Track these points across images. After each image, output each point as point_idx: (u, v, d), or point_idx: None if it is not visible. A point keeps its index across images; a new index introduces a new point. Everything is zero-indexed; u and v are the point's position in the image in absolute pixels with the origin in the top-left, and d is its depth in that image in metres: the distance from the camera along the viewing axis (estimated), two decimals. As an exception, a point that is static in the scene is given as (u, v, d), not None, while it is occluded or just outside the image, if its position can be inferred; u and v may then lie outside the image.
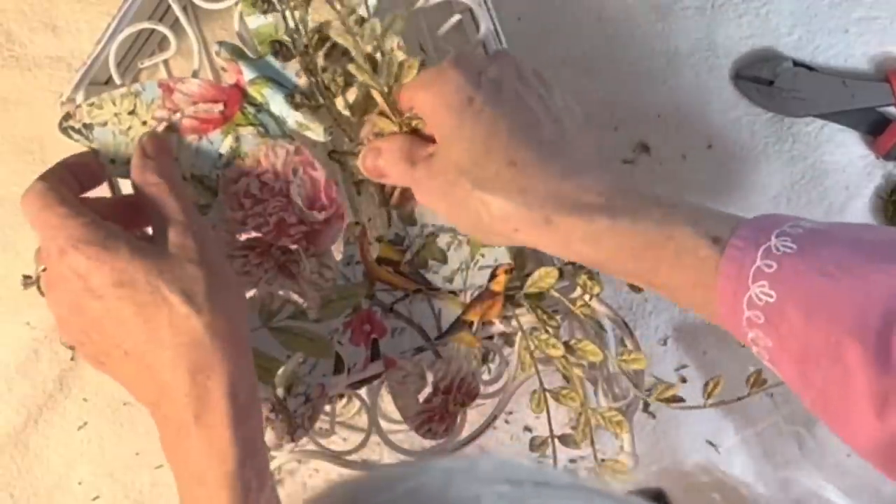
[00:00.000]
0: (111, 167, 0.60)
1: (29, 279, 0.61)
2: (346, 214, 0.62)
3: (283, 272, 0.62)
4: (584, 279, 0.64)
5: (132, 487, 0.75)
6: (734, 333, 0.47)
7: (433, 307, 0.66)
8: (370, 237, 0.66)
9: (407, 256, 0.65)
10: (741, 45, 0.78)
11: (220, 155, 0.60)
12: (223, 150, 0.61)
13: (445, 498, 0.29)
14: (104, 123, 0.60)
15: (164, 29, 0.65)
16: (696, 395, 0.73)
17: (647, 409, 0.77)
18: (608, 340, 0.67)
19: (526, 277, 0.64)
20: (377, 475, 0.34)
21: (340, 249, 0.65)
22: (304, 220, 0.60)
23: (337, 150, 0.64)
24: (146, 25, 0.65)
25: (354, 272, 0.65)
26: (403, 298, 0.67)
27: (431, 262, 0.66)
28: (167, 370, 0.51)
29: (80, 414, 0.75)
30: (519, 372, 0.67)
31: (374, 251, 0.66)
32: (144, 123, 0.60)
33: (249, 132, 0.61)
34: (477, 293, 0.66)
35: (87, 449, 0.75)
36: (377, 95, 0.58)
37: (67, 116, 0.60)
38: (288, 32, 0.60)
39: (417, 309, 0.66)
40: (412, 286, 0.66)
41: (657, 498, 0.48)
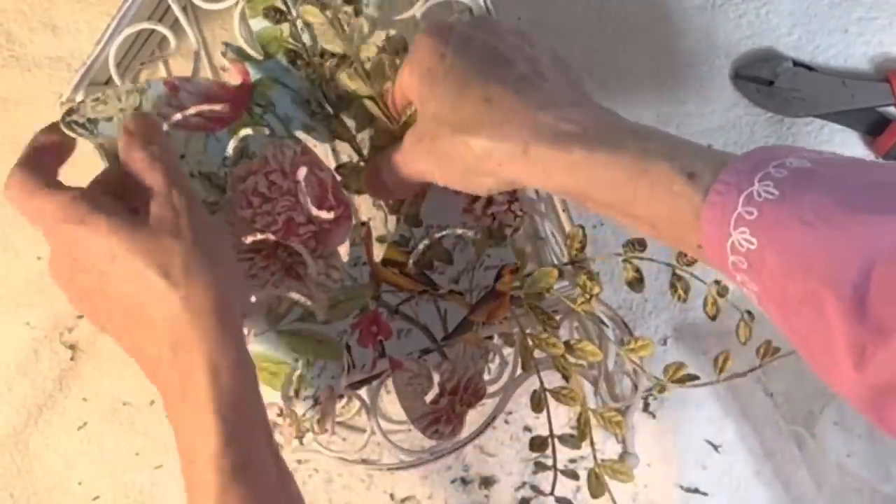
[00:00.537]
0: (116, 164, 0.60)
1: None
2: (352, 215, 0.62)
3: (289, 274, 0.62)
4: (584, 279, 0.64)
5: (132, 487, 0.75)
6: (725, 274, 0.47)
7: (439, 308, 0.66)
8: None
9: (412, 258, 0.65)
10: (741, 45, 0.78)
11: (228, 153, 0.61)
12: (230, 148, 0.61)
13: None
14: (109, 118, 0.60)
15: (163, 29, 0.65)
16: (696, 394, 0.74)
17: (647, 409, 0.77)
18: (608, 341, 0.67)
19: (526, 278, 0.64)
20: None
21: (347, 251, 0.65)
22: (312, 219, 0.60)
23: (343, 164, 0.64)
24: (146, 26, 0.65)
25: (361, 273, 0.65)
26: (409, 300, 0.66)
27: (437, 263, 0.66)
28: (152, 344, 0.50)
29: (79, 414, 0.75)
30: (519, 372, 0.67)
31: (379, 252, 0.66)
32: None
33: (256, 132, 0.61)
34: (482, 294, 0.66)
35: (87, 449, 0.75)
36: (371, 105, 0.59)
37: (70, 111, 0.60)
38: (294, 36, 0.60)
39: (423, 310, 0.66)
40: (418, 287, 0.66)
41: None
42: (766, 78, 0.76)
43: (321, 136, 0.62)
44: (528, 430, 0.77)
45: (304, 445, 0.66)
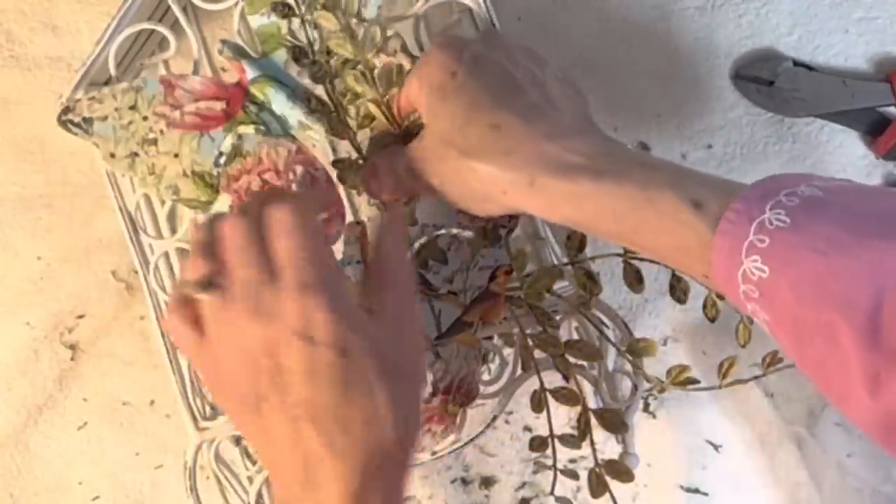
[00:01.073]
0: (110, 161, 0.60)
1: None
2: (346, 214, 0.62)
3: None
4: (584, 279, 0.64)
5: (132, 487, 0.75)
6: (736, 305, 0.46)
7: (433, 308, 0.66)
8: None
9: None
10: (741, 45, 0.78)
11: (221, 152, 0.61)
12: (225, 147, 0.61)
13: None
14: (104, 118, 0.60)
15: (163, 29, 0.65)
16: (696, 395, 0.73)
17: (647, 409, 0.77)
18: (608, 342, 0.67)
19: (526, 278, 0.64)
20: None
21: (340, 249, 0.65)
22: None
23: (340, 159, 0.64)
24: (146, 26, 0.65)
25: (355, 272, 0.65)
26: None
27: (431, 262, 0.66)
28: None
29: (79, 414, 0.75)
30: (519, 372, 0.67)
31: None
32: (145, 119, 0.60)
33: (252, 131, 0.61)
34: (477, 294, 0.66)
35: (87, 449, 0.75)
36: (374, 108, 0.59)
37: (66, 110, 0.60)
38: (296, 33, 0.60)
39: None
40: None
41: None
42: (766, 78, 0.76)
43: (318, 133, 0.62)
44: (528, 430, 0.77)
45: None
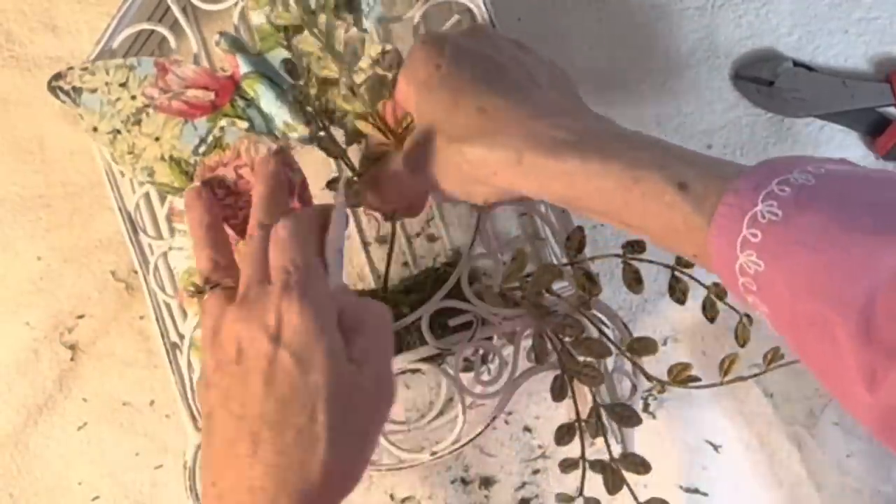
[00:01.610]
0: (91, 134, 0.60)
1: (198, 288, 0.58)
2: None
3: None
4: (583, 280, 0.64)
5: (132, 487, 0.75)
6: (737, 297, 0.46)
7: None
8: None
9: None
10: (741, 45, 0.78)
11: (202, 141, 0.61)
12: (207, 138, 0.61)
13: None
14: (94, 90, 0.60)
15: (163, 30, 0.65)
16: (696, 395, 0.74)
17: (647, 409, 0.77)
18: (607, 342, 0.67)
19: (526, 278, 0.64)
20: None
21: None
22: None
23: (334, 179, 0.64)
24: (145, 26, 0.65)
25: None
26: None
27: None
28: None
29: (79, 414, 0.75)
30: (519, 372, 0.67)
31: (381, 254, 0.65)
32: (133, 98, 0.60)
33: (235, 124, 0.61)
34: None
35: (86, 449, 0.75)
36: (363, 125, 0.59)
37: (58, 76, 0.60)
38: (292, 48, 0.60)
39: None
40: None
41: None
42: (766, 78, 0.76)
43: (302, 133, 0.62)
44: (527, 430, 0.77)
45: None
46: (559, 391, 0.64)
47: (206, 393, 0.52)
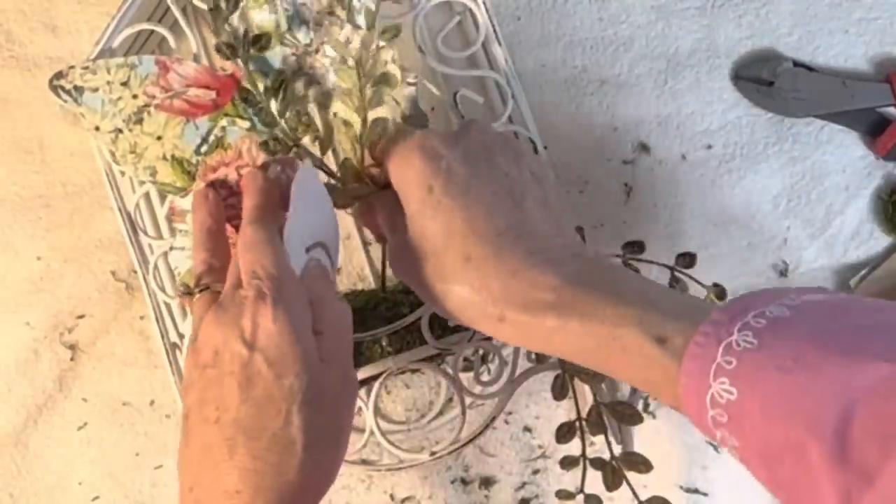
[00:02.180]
0: (94, 134, 0.60)
1: (187, 289, 0.59)
2: None
3: None
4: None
5: (132, 487, 0.75)
6: (705, 434, 0.47)
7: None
8: None
9: None
10: (741, 45, 0.78)
11: (204, 141, 0.61)
12: (208, 137, 0.61)
13: None
14: (95, 89, 0.60)
15: (163, 30, 0.65)
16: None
17: (647, 409, 0.77)
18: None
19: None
20: None
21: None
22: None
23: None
24: (145, 27, 0.65)
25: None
26: None
27: None
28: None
29: (79, 414, 0.75)
30: (518, 372, 0.67)
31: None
32: (135, 97, 0.60)
33: (237, 124, 0.61)
34: None
35: (86, 449, 0.75)
36: (354, 167, 0.59)
37: (59, 75, 0.60)
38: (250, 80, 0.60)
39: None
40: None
41: None
42: (766, 78, 0.76)
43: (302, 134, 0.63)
44: (527, 430, 0.77)
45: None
46: (560, 390, 0.64)
47: (184, 394, 0.53)
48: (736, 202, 0.78)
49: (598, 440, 0.66)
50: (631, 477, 0.64)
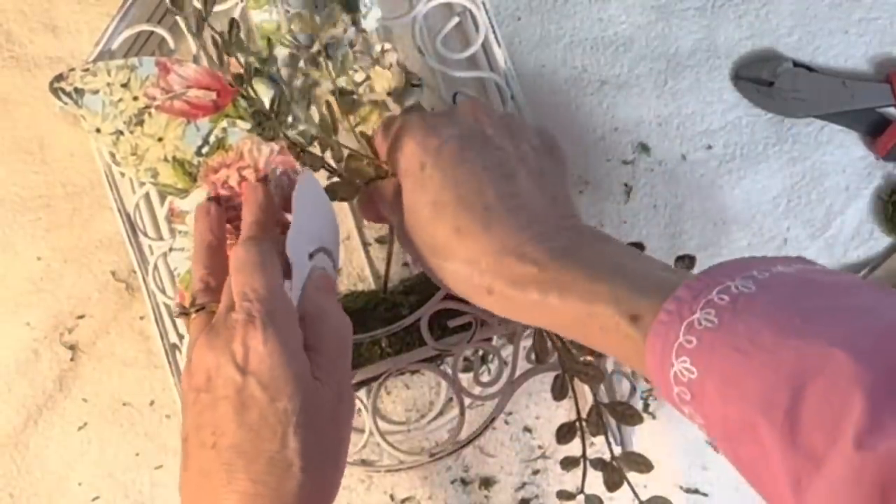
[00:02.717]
0: (95, 136, 0.61)
1: (183, 309, 0.59)
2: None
3: None
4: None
5: (132, 488, 0.75)
6: (675, 408, 0.47)
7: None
8: None
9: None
10: (741, 45, 0.78)
11: (205, 142, 0.61)
12: (209, 138, 0.61)
13: None
14: (95, 91, 0.60)
15: (162, 31, 0.65)
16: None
17: (647, 409, 0.77)
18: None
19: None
20: None
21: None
22: (277, 220, 0.61)
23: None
24: (145, 28, 0.65)
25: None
26: None
27: None
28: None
29: (79, 414, 0.75)
30: (518, 372, 0.67)
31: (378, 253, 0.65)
32: (136, 98, 0.60)
33: (238, 125, 0.61)
34: None
35: (86, 449, 0.75)
36: (363, 166, 0.59)
37: (59, 78, 0.60)
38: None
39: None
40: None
41: None
42: (766, 79, 0.76)
43: (303, 136, 0.63)
44: (527, 430, 0.77)
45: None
46: (560, 390, 0.65)
47: (182, 414, 0.54)
48: (736, 202, 0.78)
49: (597, 440, 0.66)
50: (631, 477, 0.64)
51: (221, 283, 0.57)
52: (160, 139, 0.60)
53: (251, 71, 0.58)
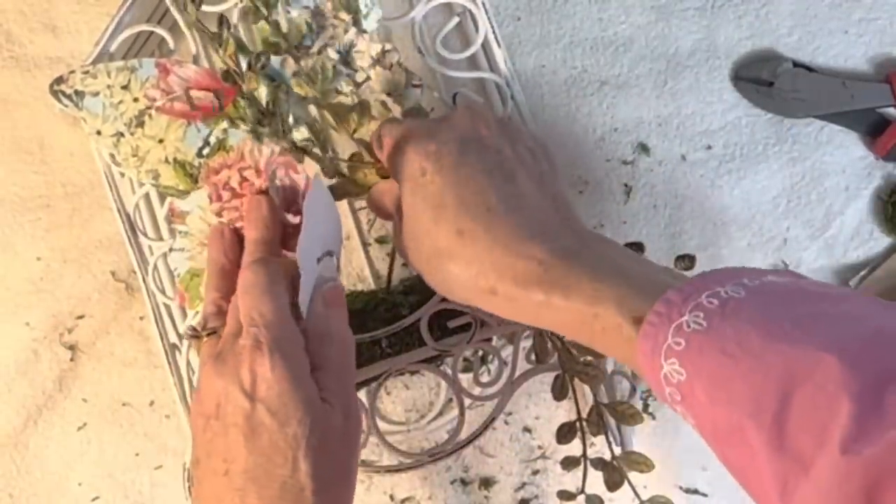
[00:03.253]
0: (96, 138, 0.61)
1: (195, 332, 0.59)
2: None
3: None
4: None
5: (132, 488, 0.75)
6: (670, 407, 0.47)
7: None
8: None
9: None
10: (741, 45, 0.78)
11: (206, 143, 0.61)
12: (210, 139, 0.61)
13: None
14: (96, 93, 0.60)
15: (162, 31, 0.65)
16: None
17: (647, 409, 0.77)
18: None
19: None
20: None
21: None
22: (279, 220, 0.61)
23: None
24: (145, 28, 0.65)
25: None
26: None
27: None
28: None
29: (79, 414, 0.75)
30: (518, 373, 0.67)
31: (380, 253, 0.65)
32: (136, 100, 0.60)
33: (239, 126, 0.61)
34: None
35: (86, 449, 0.75)
36: (370, 175, 0.60)
37: (59, 80, 0.60)
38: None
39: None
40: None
41: None
42: (766, 79, 0.76)
43: (302, 134, 0.63)
44: (527, 430, 0.77)
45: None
46: (560, 390, 0.65)
47: (192, 440, 0.54)
48: (736, 202, 0.78)
49: (597, 441, 0.66)
50: (631, 477, 0.64)
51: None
52: (161, 141, 0.60)
53: (250, 67, 0.58)
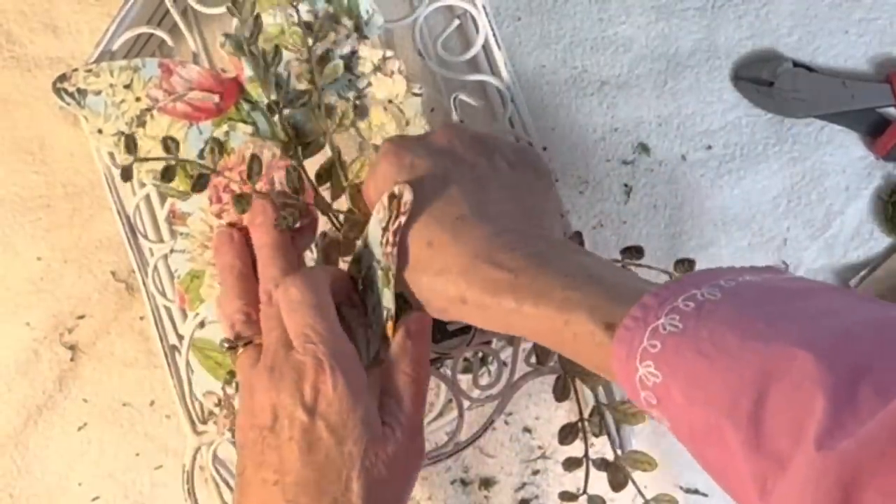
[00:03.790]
0: (97, 137, 0.61)
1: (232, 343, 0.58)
2: (318, 225, 0.62)
3: None
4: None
5: (132, 488, 0.75)
6: (646, 413, 0.47)
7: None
8: None
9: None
10: (741, 45, 0.78)
11: (207, 145, 0.61)
12: (211, 141, 0.61)
13: None
14: (98, 92, 0.60)
15: (162, 33, 0.65)
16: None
17: (646, 409, 0.77)
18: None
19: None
20: None
21: (312, 257, 0.64)
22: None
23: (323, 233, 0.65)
24: (145, 30, 0.65)
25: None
26: None
27: None
28: None
29: (79, 415, 0.75)
30: (518, 374, 0.67)
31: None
32: (138, 100, 0.60)
33: (241, 128, 0.61)
34: None
35: (86, 449, 0.75)
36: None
37: (62, 78, 0.60)
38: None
39: None
40: None
41: None
42: (766, 79, 0.76)
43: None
44: (527, 430, 0.77)
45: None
46: (562, 391, 0.65)
47: (240, 449, 0.54)
48: (736, 202, 0.78)
49: (597, 441, 0.66)
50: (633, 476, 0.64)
51: (258, 311, 0.57)
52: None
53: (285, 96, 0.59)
